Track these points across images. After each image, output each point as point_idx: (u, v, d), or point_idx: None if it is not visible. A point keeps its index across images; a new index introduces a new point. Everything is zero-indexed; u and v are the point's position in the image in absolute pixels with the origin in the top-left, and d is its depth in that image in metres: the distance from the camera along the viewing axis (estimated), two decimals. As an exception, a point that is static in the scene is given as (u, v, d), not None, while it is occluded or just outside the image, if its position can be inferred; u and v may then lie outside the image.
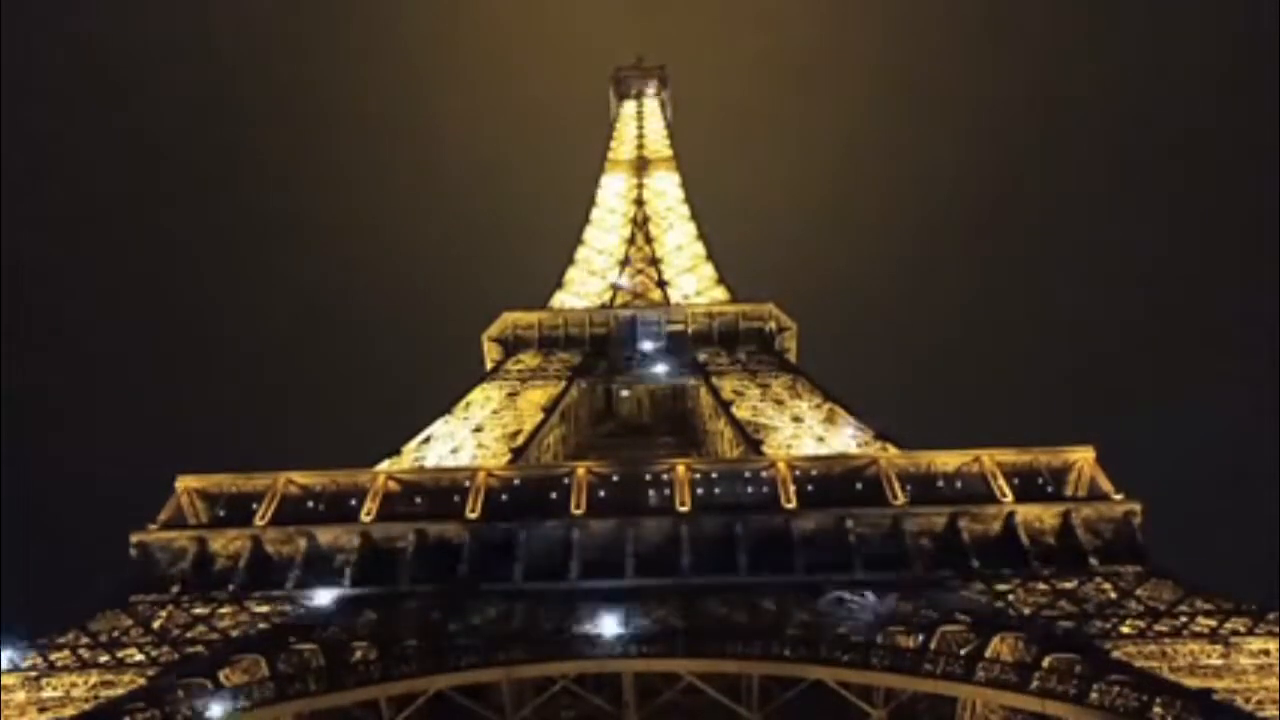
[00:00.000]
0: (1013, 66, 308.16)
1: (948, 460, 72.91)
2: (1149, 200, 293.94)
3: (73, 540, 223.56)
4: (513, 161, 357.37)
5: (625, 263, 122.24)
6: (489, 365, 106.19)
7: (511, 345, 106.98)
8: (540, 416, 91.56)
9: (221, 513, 72.23)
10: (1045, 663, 53.43)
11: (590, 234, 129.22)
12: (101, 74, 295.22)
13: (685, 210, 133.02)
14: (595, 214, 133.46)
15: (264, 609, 63.26)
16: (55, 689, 55.79)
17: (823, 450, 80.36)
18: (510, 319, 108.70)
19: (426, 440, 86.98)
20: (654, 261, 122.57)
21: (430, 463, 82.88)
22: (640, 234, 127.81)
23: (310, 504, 72.47)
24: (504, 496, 72.39)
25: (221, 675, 55.30)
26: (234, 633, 60.80)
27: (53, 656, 58.11)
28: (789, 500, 69.68)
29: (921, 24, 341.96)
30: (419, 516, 70.39)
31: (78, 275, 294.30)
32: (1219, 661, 54.15)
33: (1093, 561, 64.35)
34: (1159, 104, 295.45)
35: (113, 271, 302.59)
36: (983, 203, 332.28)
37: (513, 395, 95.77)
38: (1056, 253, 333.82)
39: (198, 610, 63.40)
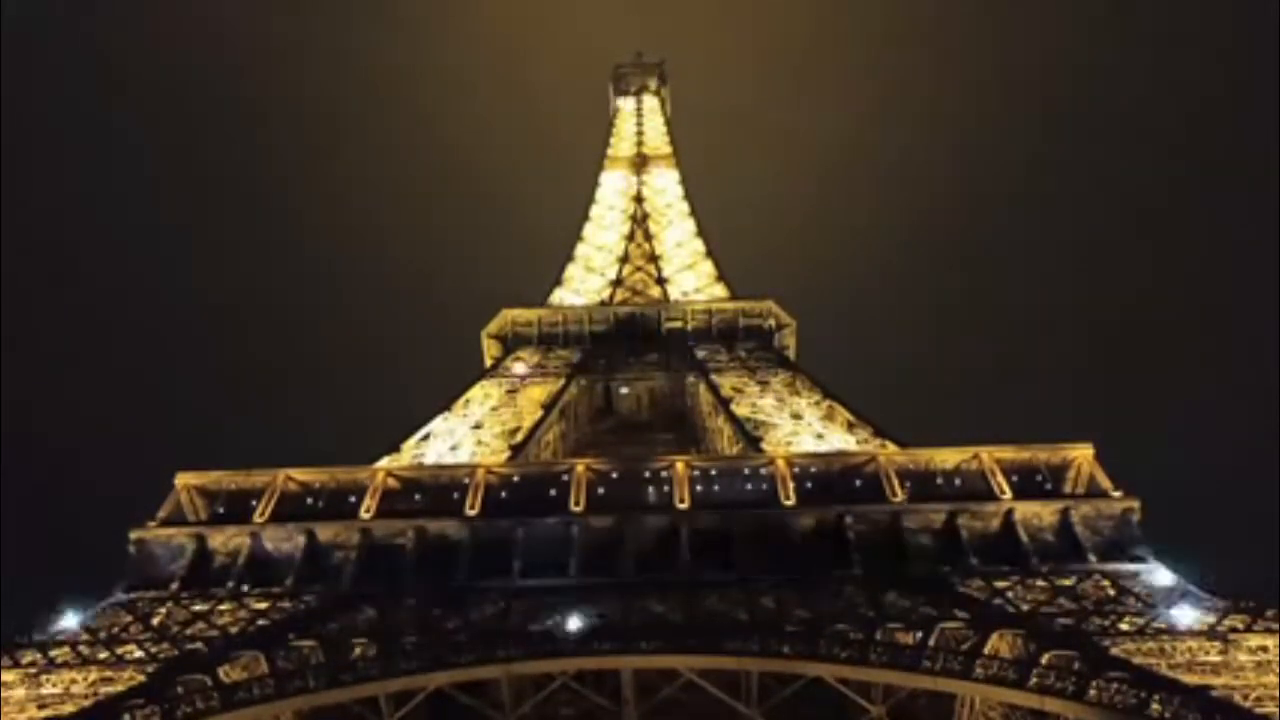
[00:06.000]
0: (1012, 64, 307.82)
1: (947, 457, 72.93)
2: (1150, 198, 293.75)
3: (72, 537, 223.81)
4: (513, 158, 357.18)
5: (625, 259, 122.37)
6: (488, 362, 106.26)
7: (511, 342, 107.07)
8: (539, 414, 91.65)
9: (221, 510, 72.21)
10: (1044, 659, 53.49)
11: (590, 231, 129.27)
12: (103, 69, 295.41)
13: (685, 207, 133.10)
14: (595, 211, 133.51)
15: (263, 605, 63.39)
16: (55, 686, 55.73)
17: (822, 447, 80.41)
18: (509, 316, 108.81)
19: (426, 437, 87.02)
20: (653, 258, 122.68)
21: (429, 460, 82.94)
22: (640, 231, 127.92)
23: (309, 501, 72.52)
24: (503, 493, 72.43)
25: (221, 671, 55.38)
26: (233, 629, 60.86)
27: (52, 653, 58.10)
28: (788, 497, 69.73)
29: (920, 21, 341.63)
30: (418, 513, 70.42)
31: (77, 273, 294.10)
32: (1217, 658, 54.12)
33: (1091, 558, 64.36)
34: (1158, 104, 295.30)
35: (112, 269, 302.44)
36: (983, 200, 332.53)
37: (512, 392, 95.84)
38: (1057, 250, 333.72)
39: (197, 607, 63.41)
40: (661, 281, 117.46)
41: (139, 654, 58.16)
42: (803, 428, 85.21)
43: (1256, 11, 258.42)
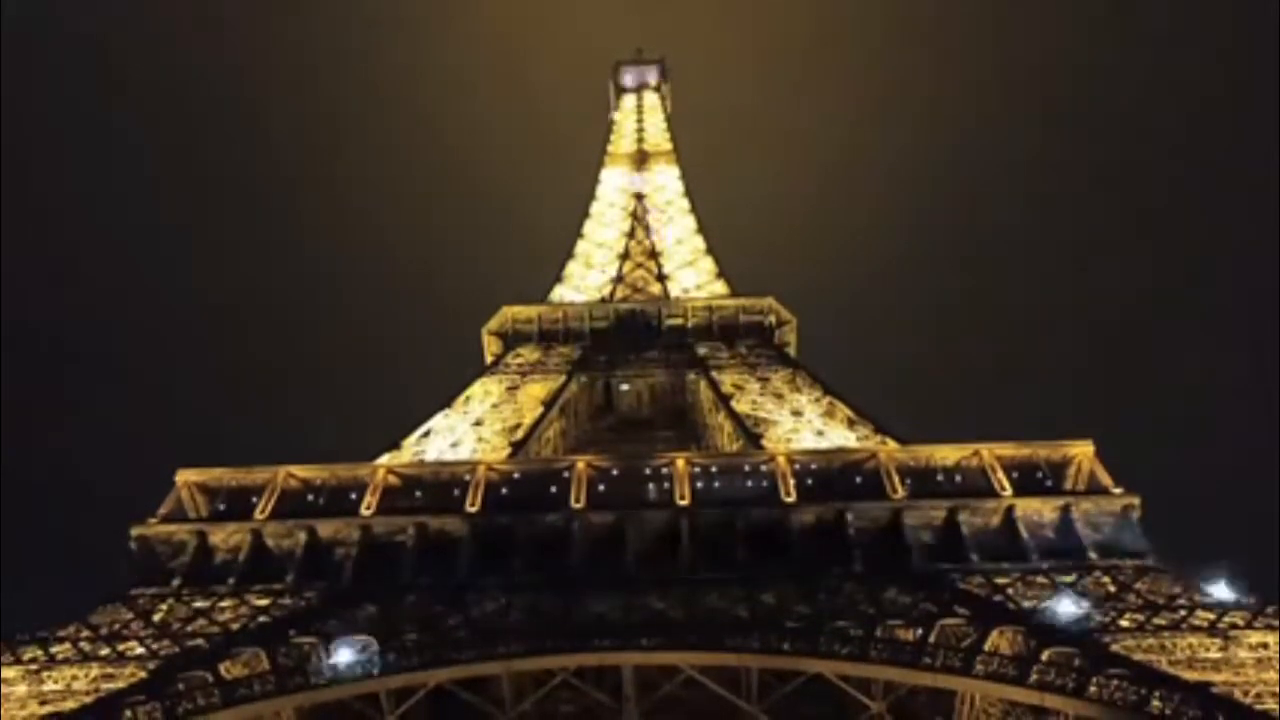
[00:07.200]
0: (1012, 64, 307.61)
1: (947, 454, 72.89)
2: (1150, 198, 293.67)
3: (73, 533, 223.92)
4: (513, 158, 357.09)
5: (625, 256, 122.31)
6: (488, 359, 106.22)
7: (511, 339, 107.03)
8: (540, 411, 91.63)
9: (221, 506, 72.23)
10: (1044, 656, 53.51)
11: (590, 228, 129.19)
12: (103, 69, 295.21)
13: (685, 204, 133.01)
14: (595, 208, 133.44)
15: (264, 602, 63.40)
16: (56, 682, 55.75)
17: (822, 444, 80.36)
18: (509, 313, 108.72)
19: (426, 434, 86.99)
20: (654, 255, 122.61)
21: (430, 457, 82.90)
22: (640, 228, 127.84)
23: (310, 497, 72.56)
24: (504, 490, 72.43)
25: (222, 668, 55.43)
26: (234, 626, 60.87)
27: (53, 649, 58.11)
28: (789, 494, 69.72)
29: (920, 21, 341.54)
30: (419, 510, 70.46)
31: (77, 273, 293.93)
32: (1218, 655, 54.15)
33: (1092, 555, 64.36)
34: (1158, 104, 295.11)
35: (112, 269, 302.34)
36: (983, 200, 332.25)
37: (512, 389, 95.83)
38: (1057, 250, 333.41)
39: (198, 603, 63.40)
40: (662, 278, 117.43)
41: (140, 650, 58.19)
42: (803, 424, 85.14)
43: (1256, 11, 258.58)
